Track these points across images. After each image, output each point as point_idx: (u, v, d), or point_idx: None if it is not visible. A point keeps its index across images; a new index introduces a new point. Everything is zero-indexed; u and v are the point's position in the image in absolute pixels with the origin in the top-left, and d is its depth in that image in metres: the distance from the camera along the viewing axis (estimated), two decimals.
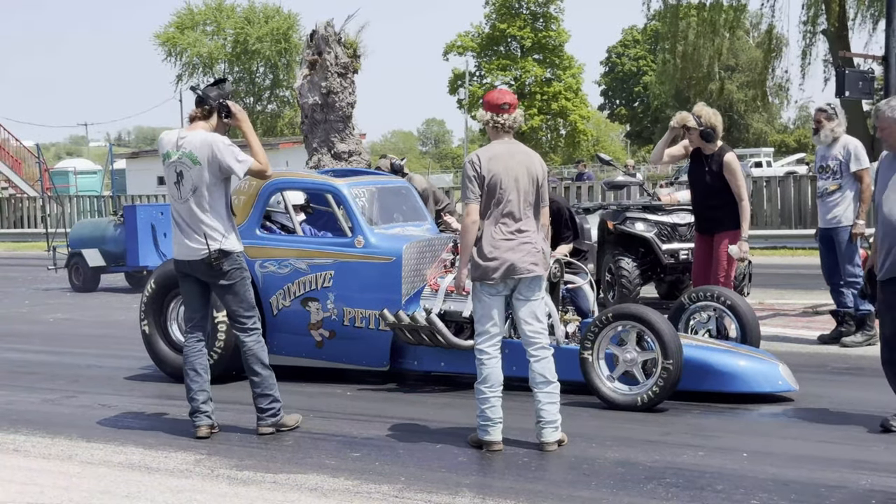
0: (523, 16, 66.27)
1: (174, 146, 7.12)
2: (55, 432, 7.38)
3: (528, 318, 6.70)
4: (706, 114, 9.40)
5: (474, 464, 6.38)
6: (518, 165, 6.66)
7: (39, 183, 33.88)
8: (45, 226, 24.48)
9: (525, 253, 6.59)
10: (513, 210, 6.61)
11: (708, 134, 9.32)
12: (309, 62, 15.42)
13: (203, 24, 67.26)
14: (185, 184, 7.05)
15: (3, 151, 39.24)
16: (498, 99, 6.80)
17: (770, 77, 39.47)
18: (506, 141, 6.79)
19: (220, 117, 7.19)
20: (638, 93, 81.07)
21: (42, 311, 14.92)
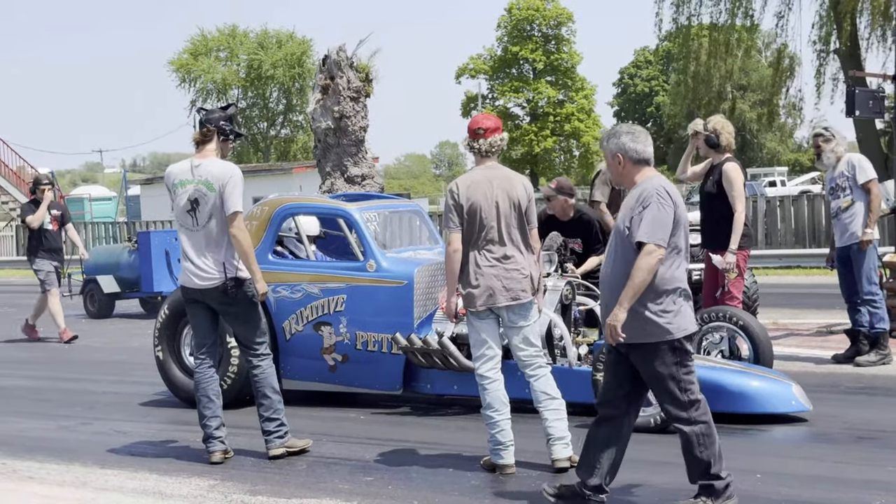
0: (535, 38, 66.45)
1: (188, 174, 7.16)
2: (70, 459, 7.41)
3: (521, 344, 6.72)
4: (714, 121, 9.48)
5: (487, 487, 6.37)
6: (497, 191, 6.64)
7: None
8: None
9: (510, 280, 6.59)
10: (495, 236, 6.62)
11: (710, 139, 9.33)
12: (321, 87, 15.49)
13: (217, 51, 67.59)
14: (201, 211, 7.07)
15: (18, 179, 39.47)
16: (474, 123, 6.83)
17: (783, 96, 39.45)
18: (487, 166, 6.79)
19: (219, 139, 7.25)
20: (651, 113, 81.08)
21: (57, 338, 14.96)
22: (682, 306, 5.55)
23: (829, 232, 23.10)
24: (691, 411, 5.64)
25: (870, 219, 10.15)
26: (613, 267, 5.61)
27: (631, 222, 5.49)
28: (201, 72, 65.14)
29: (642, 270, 5.38)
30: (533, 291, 6.69)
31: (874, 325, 10.24)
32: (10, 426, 8.74)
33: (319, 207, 9.63)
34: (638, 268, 5.39)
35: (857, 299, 10.38)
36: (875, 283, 10.23)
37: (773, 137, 69.91)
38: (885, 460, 6.68)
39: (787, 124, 55.06)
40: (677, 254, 5.54)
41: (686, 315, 5.57)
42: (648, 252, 5.38)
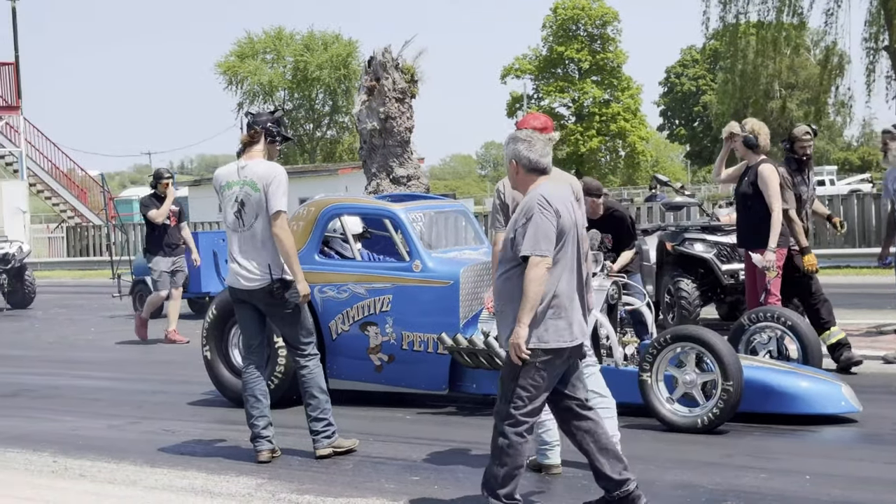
0: (581, 38, 66.28)
1: (235, 175, 7.23)
2: (120, 457, 7.50)
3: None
4: (751, 123, 9.50)
5: (534, 487, 6.36)
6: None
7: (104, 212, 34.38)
8: (110, 254, 24.80)
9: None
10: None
11: (749, 140, 9.32)
12: (367, 88, 15.53)
13: (263, 53, 68.03)
14: (247, 212, 7.14)
15: (69, 181, 39.97)
16: (521, 123, 6.76)
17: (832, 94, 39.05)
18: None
19: (266, 141, 7.32)
20: (697, 112, 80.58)
21: (107, 338, 15.15)
22: (549, 319, 5.44)
23: (879, 231, 22.86)
24: (506, 423, 5.51)
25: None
26: (499, 273, 5.64)
27: (516, 234, 5.49)
28: (248, 74, 65.59)
29: (533, 282, 5.35)
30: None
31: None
32: (61, 425, 8.85)
33: (365, 208, 9.66)
34: (528, 280, 5.36)
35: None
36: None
37: (821, 136, 69.22)
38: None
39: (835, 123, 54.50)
40: (560, 265, 5.48)
41: (551, 328, 5.44)
42: (535, 264, 5.36)
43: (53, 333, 16.14)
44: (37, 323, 17.95)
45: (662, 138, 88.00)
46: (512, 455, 5.49)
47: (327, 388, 7.40)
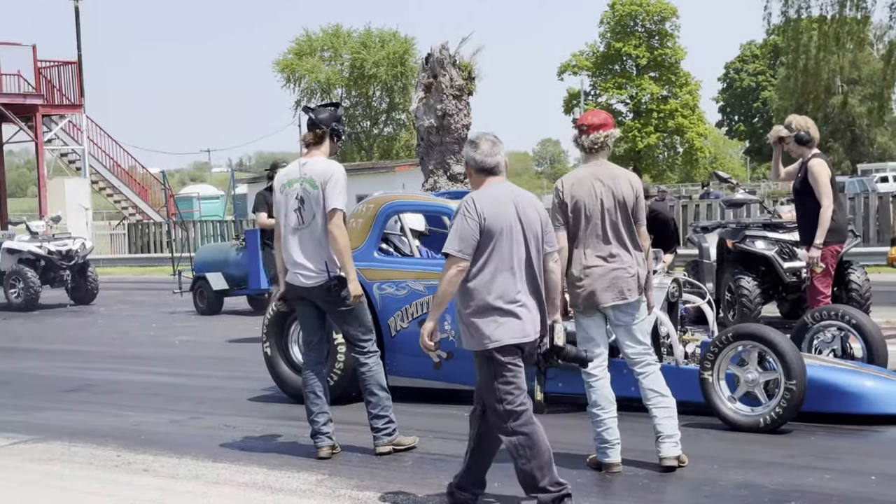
0: (638, 34, 65.88)
1: (296, 173, 7.27)
2: (182, 452, 7.57)
3: (628, 341, 6.66)
4: (796, 120, 9.41)
5: (594, 485, 6.34)
6: (602, 188, 6.56)
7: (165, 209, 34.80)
8: (171, 250, 25.10)
9: (615, 279, 6.52)
10: (600, 234, 6.55)
11: (801, 137, 9.23)
12: (424, 85, 15.56)
13: (321, 51, 68.37)
14: (306, 210, 7.18)
15: (130, 178, 40.43)
16: (580, 120, 6.82)
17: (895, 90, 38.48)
18: (593, 163, 6.71)
19: (332, 140, 7.36)
20: (757, 108, 79.76)
21: (168, 334, 15.32)
22: (499, 318, 5.57)
23: None
24: (509, 422, 5.62)
25: None
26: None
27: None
28: (306, 72, 65.93)
29: (443, 281, 5.64)
30: (640, 290, 6.61)
31: None
32: (124, 420, 8.96)
33: (424, 205, 9.67)
34: (441, 278, 5.64)
35: None
36: None
37: (884, 132, 68.15)
38: None
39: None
40: (494, 265, 5.59)
41: (506, 327, 5.57)
42: (449, 263, 5.60)
43: (116, 329, 16.35)
44: (99, 319, 18.19)
45: (721, 135, 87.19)
46: (531, 446, 5.59)
47: (389, 383, 7.42)
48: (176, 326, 16.34)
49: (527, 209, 5.76)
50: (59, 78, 36.05)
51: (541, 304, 5.74)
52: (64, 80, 36.09)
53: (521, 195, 5.85)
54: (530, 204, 5.82)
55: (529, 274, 5.70)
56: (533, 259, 5.71)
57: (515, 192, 5.87)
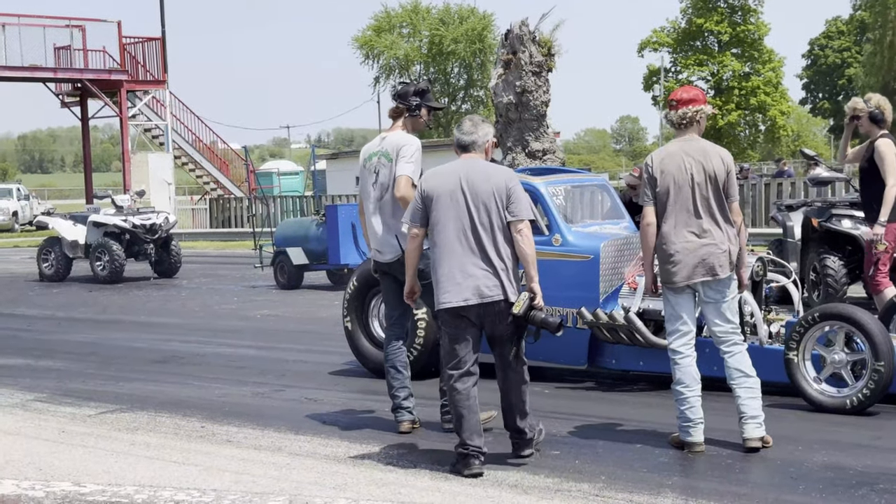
0: (721, 9, 64.81)
1: (377, 146, 7.37)
2: (265, 424, 7.67)
3: (716, 319, 6.61)
4: (876, 98, 9.40)
5: (676, 464, 6.30)
6: (693, 163, 6.53)
7: (246, 184, 35.20)
8: (252, 225, 25.39)
9: (707, 255, 6.48)
10: (691, 209, 6.51)
11: (876, 115, 9.21)
12: (503, 61, 15.49)
13: (399, 27, 68.43)
14: (380, 182, 7.26)
15: (211, 154, 40.93)
16: (672, 95, 6.79)
17: None
18: (684, 139, 6.68)
19: (411, 117, 7.45)
20: (842, 86, 78.14)
21: (250, 308, 15.51)
22: (447, 282, 6.19)
23: None
24: (445, 379, 6.40)
25: None
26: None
27: None
28: (384, 48, 66.05)
29: (406, 247, 6.52)
30: (731, 267, 6.54)
31: None
32: (208, 391, 9.10)
33: None
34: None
35: None
36: None
37: None
38: None
39: None
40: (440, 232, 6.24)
41: (449, 293, 6.19)
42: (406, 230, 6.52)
43: (198, 302, 16.58)
44: (183, 291, 18.47)
45: (805, 112, 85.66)
46: (455, 405, 6.27)
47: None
48: (257, 300, 16.53)
49: (475, 181, 6.23)
50: (143, 54, 36.60)
51: (497, 270, 6.19)
52: (148, 57, 36.63)
53: (473, 169, 6.31)
54: (484, 177, 6.25)
55: (478, 241, 6.18)
56: (479, 227, 6.18)
57: (471, 165, 6.35)
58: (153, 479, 6.30)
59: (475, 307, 6.19)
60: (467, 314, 6.21)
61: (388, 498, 5.79)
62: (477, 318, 6.23)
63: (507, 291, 6.21)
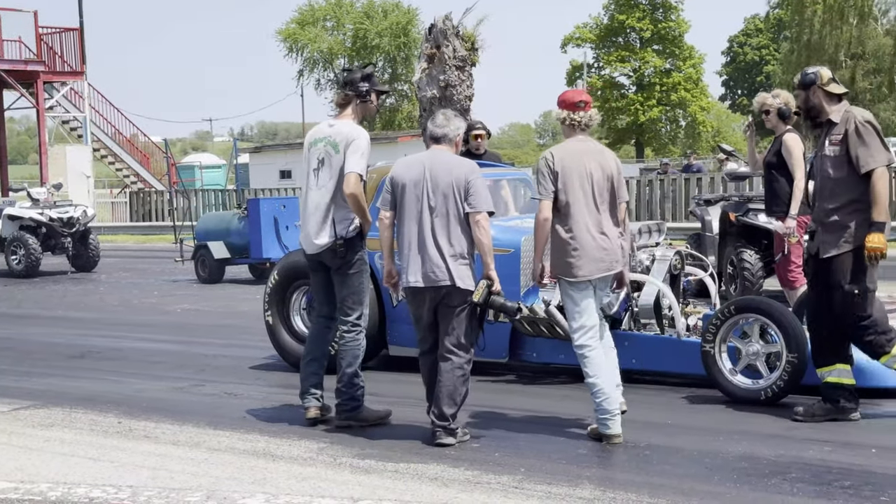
0: (642, 6, 65.57)
1: (323, 133, 7.25)
2: (183, 419, 7.58)
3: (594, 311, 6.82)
4: (784, 94, 9.56)
5: (595, 456, 6.35)
6: (592, 162, 6.70)
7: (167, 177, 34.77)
8: (173, 219, 25.09)
9: (605, 251, 6.65)
10: (591, 206, 6.66)
11: (784, 111, 9.37)
12: (427, 56, 15.50)
13: (323, 20, 68.12)
14: (323, 171, 7.17)
15: (132, 146, 40.36)
16: (574, 97, 6.88)
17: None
18: (580, 139, 6.83)
19: (361, 103, 7.33)
20: (760, 82, 79.39)
21: (170, 302, 15.32)
22: (405, 264, 6.67)
23: None
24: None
25: None
26: None
27: None
28: (308, 41, 65.71)
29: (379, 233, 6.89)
30: (624, 263, 6.75)
31: None
32: (126, 386, 8.97)
33: None
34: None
35: None
36: None
37: (887, 107, 67.91)
38: None
39: None
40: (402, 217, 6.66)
41: (407, 272, 6.65)
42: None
43: (117, 296, 16.35)
44: (101, 286, 18.20)
45: (724, 108, 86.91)
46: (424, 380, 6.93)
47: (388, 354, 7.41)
48: (177, 295, 16.35)
49: (438, 171, 6.57)
50: (60, 44, 35.88)
51: (447, 257, 6.51)
52: (65, 47, 35.92)
53: (438, 160, 6.65)
54: (447, 169, 6.58)
55: (434, 228, 6.54)
56: (436, 216, 6.54)
57: (436, 157, 6.70)
58: (67, 476, 6.19)
59: (428, 290, 6.59)
60: (423, 295, 6.63)
61: (308, 492, 5.76)
62: (431, 299, 6.63)
63: (455, 278, 6.54)
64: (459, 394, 6.64)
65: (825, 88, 7.00)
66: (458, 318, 6.63)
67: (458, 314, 6.62)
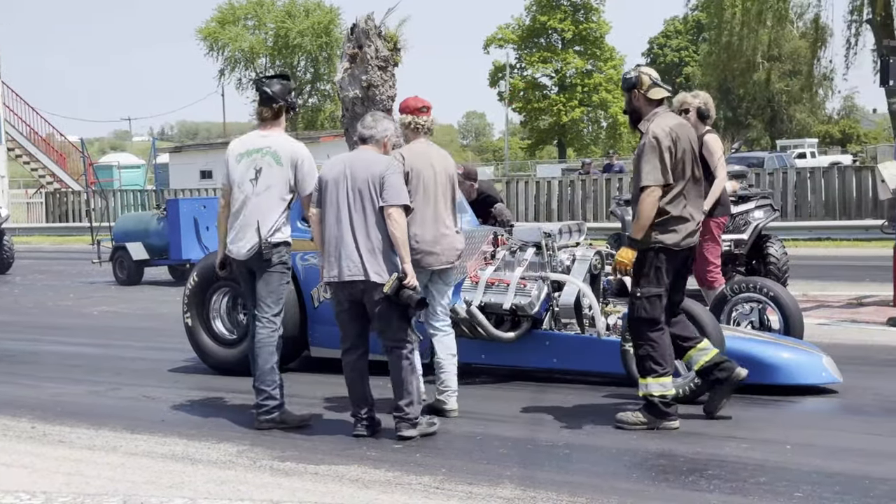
0: (564, 8, 66.07)
1: (256, 144, 7.27)
2: (100, 424, 7.45)
3: (443, 301, 7.45)
4: (703, 95, 9.71)
5: (515, 455, 6.37)
6: (437, 164, 7.34)
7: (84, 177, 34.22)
8: (90, 220, 24.71)
9: (448, 245, 7.29)
10: (438, 204, 7.29)
11: (703, 111, 9.52)
12: (349, 56, 15.39)
13: (244, 19, 67.56)
14: (261, 180, 7.16)
15: (48, 146, 39.68)
16: (416, 103, 7.49)
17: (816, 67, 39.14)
18: (423, 142, 7.45)
19: (287, 114, 7.47)
20: (680, 84, 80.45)
21: (87, 304, 15.08)
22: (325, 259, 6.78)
23: (860, 203, 22.97)
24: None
25: None
26: None
27: None
28: (229, 40, 65.15)
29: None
30: (459, 257, 7.43)
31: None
32: (41, 391, 8.80)
33: None
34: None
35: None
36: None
37: (802, 109, 69.27)
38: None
39: (817, 95, 54.54)
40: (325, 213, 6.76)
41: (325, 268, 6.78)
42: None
43: (32, 299, 16.05)
44: (16, 288, 17.84)
45: None
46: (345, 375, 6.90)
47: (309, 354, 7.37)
48: (95, 297, 16.10)
49: (356, 169, 6.71)
50: None
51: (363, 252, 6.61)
52: None
53: (358, 159, 6.81)
54: (364, 165, 6.72)
55: (351, 224, 6.64)
56: (354, 212, 6.65)
57: (358, 155, 6.87)
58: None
59: (346, 284, 6.68)
60: (342, 290, 6.73)
61: (227, 496, 5.70)
62: (349, 295, 6.71)
63: (369, 272, 6.62)
64: (410, 384, 6.76)
65: (645, 94, 7.09)
66: (385, 313, 6.70)
67: (383, 309, 6.69)
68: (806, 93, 51.44)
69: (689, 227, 6.88)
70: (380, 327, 6.78)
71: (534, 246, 8.41)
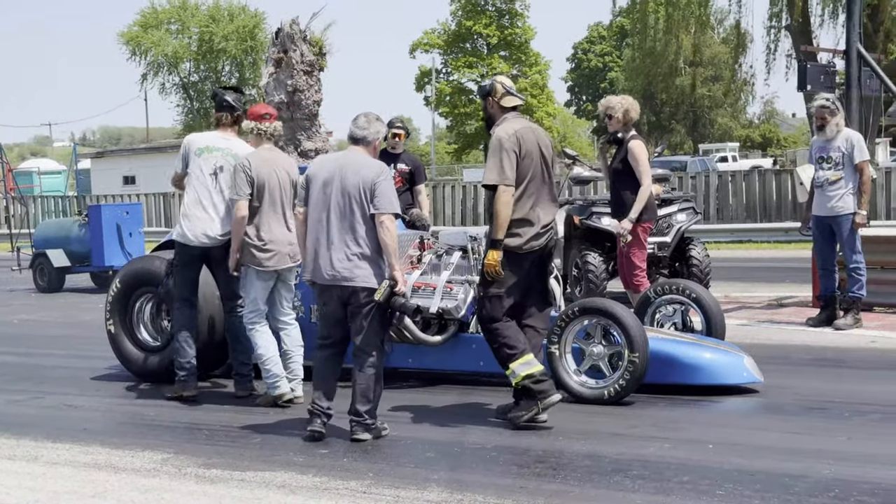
0: (489, 13, 66.31)
1: (218, 143, 8.10)
2: (21, 433, 7.32)
3: (288, 295, 7.98)
4: (628, 100, 9.83)
5: (442, 459, 6.39)
6: (280, 169, 7.84)
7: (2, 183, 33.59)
8: (9, 226, 24.30)
9: (291, 246, 7.74)
10: (280, 209, 7.79)
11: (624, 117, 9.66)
12: (274, 60, 15.38)
13: (167, 23, 66.85)
14: (222, 177, 7.98)
15: None
16: (260, 110, 8.06)
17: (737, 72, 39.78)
18: (268, 148, 7.98)
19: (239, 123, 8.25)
20: (604, 89, 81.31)
21: (6, 312, 14.80)
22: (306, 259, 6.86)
23: (780, 206, 23.37)
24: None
25: (862, 199, 10.41)
26: None
27: None
28: (152, 44, 64.43)
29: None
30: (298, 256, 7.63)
31: (853, 290, 10.62)
32: None
33: None
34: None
35: (831, 266, 10.78)
36: (859, 251, 10.52)
37: (724, 113, 70.35)
38: (835, 430, 6.77)
39: (738, 100, 55.42)
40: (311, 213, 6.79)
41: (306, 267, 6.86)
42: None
43: None
44: None
45: (570, 114, 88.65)
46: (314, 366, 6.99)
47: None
48: (15, 304, 15.81)
49: (347, 172, 6.71)
50: None
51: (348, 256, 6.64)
52: None
53: (349, 161, 6.79)
54: (355, 169, 6.71)
55: (338, 227, 6.67)
56: (340, 215, 6.66)
57: (349, 157, 6.84)
58: None
59: (335, 287, 6.70)
60: (331, 292, 6.75)
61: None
62: (329, 296, 6.76)
63: (357, 277, 6.65)
64: (372, 391, 6.80)
65: (499, 102, 7.29)
66: (366, 318, 6.70)
67: (365, 314, 6.69)
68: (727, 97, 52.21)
69: (533, 230, 7.06)
70: (360, 331, 6.73)
71: (460, 249, 8.43)
